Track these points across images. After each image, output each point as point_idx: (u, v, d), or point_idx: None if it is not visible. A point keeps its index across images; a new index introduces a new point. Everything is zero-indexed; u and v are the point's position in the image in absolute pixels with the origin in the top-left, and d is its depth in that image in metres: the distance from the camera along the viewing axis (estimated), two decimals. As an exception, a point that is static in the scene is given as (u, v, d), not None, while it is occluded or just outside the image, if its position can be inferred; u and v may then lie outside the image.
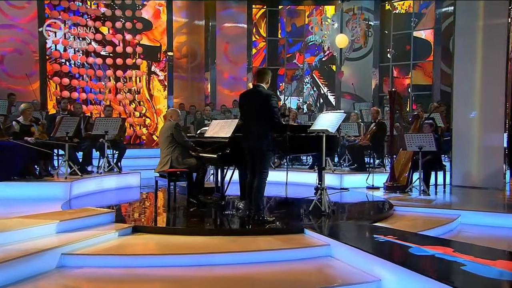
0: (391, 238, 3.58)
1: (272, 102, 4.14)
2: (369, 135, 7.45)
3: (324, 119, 4.72)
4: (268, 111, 4.12)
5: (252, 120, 4.25)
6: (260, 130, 4.19)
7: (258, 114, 4.20)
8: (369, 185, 6.75)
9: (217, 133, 5.20)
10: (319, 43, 11.52)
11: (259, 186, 4.22)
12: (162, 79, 11.93)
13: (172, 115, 5.34)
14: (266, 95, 4.18)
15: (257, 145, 4.21)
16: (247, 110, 4.33)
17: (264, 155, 4.22)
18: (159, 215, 4.90)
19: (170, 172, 5.09)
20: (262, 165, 4.24)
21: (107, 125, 6.66)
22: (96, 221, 4.16)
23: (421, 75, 11.50)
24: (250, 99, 4.31)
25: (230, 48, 12.76)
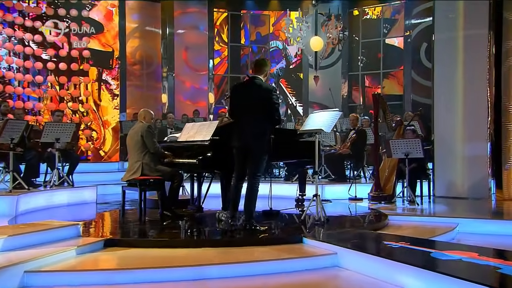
0: (404, 244, 3.55)
1: (274, 98, 4.04)
2: (349, 143, 7.52)
3: (316, 119, 4.68)
4: (269, 107, 4.00)
5: (247, 116, 4.09)
6: (258, 129, 4.05)
7: (255, 110, 4.04)
8: (352, 196, 6.80)
9: (193, 137, 5.03)
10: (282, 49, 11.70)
11: (251, 192, 4.08)
12: (115, 87, 11.48)
13: (145, 116, 5.07)
14: (267, 89, 4.07)
15: (253, 146, 4.07)
16: (242, 104, 4.16)
17: (260, 157, 4.10)
18: (132, 228, 4.61)
19: (141, 180, 4.81)
20: (257, 168, 4.11)
21: (59, 131, 6.25)
22: (61, 235, 3.84)
23: (394, 84, 11.96)
24: (246, 92, 4.14)
25: (189, 54, 12.71)
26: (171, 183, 4.95)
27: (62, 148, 6.55)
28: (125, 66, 11.67)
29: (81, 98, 10.89)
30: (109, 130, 11.28)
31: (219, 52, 13.36)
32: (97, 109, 11.12)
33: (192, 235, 4.21)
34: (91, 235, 4.04)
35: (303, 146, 5.31)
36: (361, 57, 12.52)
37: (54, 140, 6.24)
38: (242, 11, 13.47)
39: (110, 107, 11.36)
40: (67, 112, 10.49)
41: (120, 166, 9.76)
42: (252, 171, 4.11)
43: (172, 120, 9.07)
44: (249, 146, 4.10)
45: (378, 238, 3.94)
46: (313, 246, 3.76)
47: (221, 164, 4.57)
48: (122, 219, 5.04)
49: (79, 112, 10.79)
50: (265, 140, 4.09)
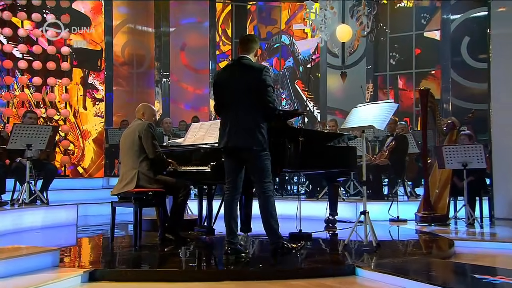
0: (503, 279, 2.98)
1: (266, 79, 3.62)
2: (386, 151, 7.01)
3: (363, 113, 4.17)
4: (261, 91, 3.60)
5: (237, 107, 3.67)
6: (250, 122, 3.63)
7: (245, 98, 3.64)
8: (393, 216, 6.37)
9: (201, 139, 4.64)
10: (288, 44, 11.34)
11: (266, 204, 3.66)
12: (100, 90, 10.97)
13: (144, 112, 4.58)
14: (257, 69, 3.67)
15: (247, 145, 3.63)
16: (229, 93, 3.74)
17: (261, 159, 3.65)
18: (124, 256, 4.10)
19: (136, 194, 4.30)
20: (262, 174, 3.67)
21: (31, 136, 5.76)
22: (33, 265, 3.30)
23: (433, 86, 11.41)
24: (233, 77, 3.75)
25: (188, 53, 12.50)
26: (175, 197, 4.48)
27: (34, 158, 6.10)
28: (111, 65, 11.26)
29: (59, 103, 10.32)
30: (89, 141, 10.72)
31: (224, 54, 13.15)
32: (74, 117, 10.55)
33: (201, 264, 3.84)
34: (70, 265, 3.57)
35: (336, 153, 5.03)
36: (393, 53, 12.03)
37: (24, 147, 5.76)
38: (249, 3, 13.26)
39: (91, 114, 10.81)
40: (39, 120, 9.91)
41: (106, 182, 9.33)
42: (257, 178, 3.69)
43: (169, 126, 8.58)
44: (241, 146, 3.66)
45: (462, 270, 3.38)
46: (372, 280, 3.27)
47: None
48: (111, 244, 4.54)
49: (53, 121, 10.19)
50: (263, 136, 3.65)
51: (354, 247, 4.25)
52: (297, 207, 5.04)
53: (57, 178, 8.43)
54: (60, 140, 9.88)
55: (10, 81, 9.81)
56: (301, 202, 6.78)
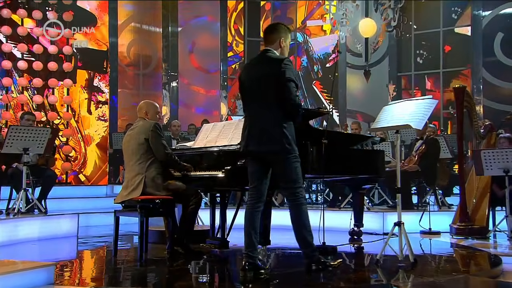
0: None
1: (286, 72, 3.37)
2: (416, 156, 6.73)
3: (397, 111, 3.90)
4: (280, 85, 3.38)
5: (256, 105, 3.49)
6: (272, 122, 3.42)
7: (265, 95, 3.44)
8: (425, 228, 6.08)
9: (214, 141, 4.46)
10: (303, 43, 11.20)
11: (298, 212, 3.45)
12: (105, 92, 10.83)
13: (147, 111, 4.43)
14: (276, 61, 3.44)
15: (269, 148, 3.42)
16: (249, 90, 3.56)
17: (289, 162, 3.42)
18: (129, 271, 3.93)
19: (143, 202, 4.11)
20: (292, 178, 3.44)
21: (28, 139, 5.61)
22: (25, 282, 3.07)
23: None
24: (252, 72, 3.57)
25: (197, 54, 12.52)
26: (185, 205, 4.30)
27: (32, 163, 5.96)
28: (116, 66, 11.25)
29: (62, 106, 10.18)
30: (92, 147, 10.55)
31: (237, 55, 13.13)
32: (76, 121, 10.42)
33: (214, 282, 3.67)
34: (68, 282, 3.40)
35: (363, 157, 4.88)
36: (419, 51, 11.70)
37: (21, 151, 5.60)
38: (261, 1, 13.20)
39: (93, 118, 10.66)
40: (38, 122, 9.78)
41: (109, 190, 9.20)
42: (285, 184, 3.48)
43: (177, 129, 8.42)
44: (263, 150, 3.45)
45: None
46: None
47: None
48: (114, 258, 4.37)
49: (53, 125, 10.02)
50: (288, 138, 3.41)
51: (388, 262, 3.96)
52: (320, 217, 4.77)
53: (58, 186, 8.39)
54: (61, 145, 9.75)
55: (9, 83, 9.68)
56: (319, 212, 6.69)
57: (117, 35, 11.34)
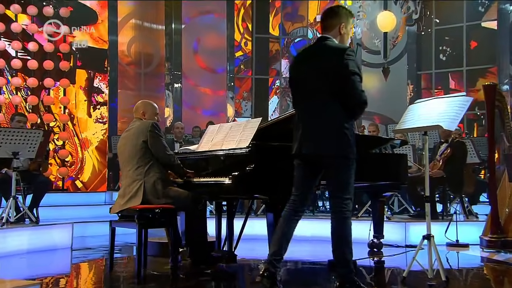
0: None
1: (349, 63, 3.14)
2: (440, 161, 6.52)
3: (425, 110, 3.67)
4: (342, 80, 3.14)
5: (312, 102, 3.27)
6: (330, 122, 3.20)
7: (323, 90, 3.21)
8: (451, 240, 5.83)
9: (220, 144, 4.28)
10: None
11: (342, 226, 3.24)
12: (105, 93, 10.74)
13: (145, 111, 4.33)
14: (336, 50, 3.21)
15: (325, 152, 3.22)
16: (302, 84, 3.36)
17: (345, 170, 3.23)
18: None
19: (141, 211, 3.94)
20: (342, 188, 3.24)
21: (18, 142, 5.49)
22: None
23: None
24: (307, 63, 3.35)
25: (202, 52, 12.49)
26: (188, 213, 4.23)
27: (23, 168, 5.93)
28: (116, 65, 11.15)
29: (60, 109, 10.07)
30: (89, 151, 10.43)
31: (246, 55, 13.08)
32: (72, 123, 10.28)
33: None
34: None
35: (384, 162, 4.81)
36: (442, 47, 11.44)
37: (10, 156, 5.48)
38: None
39: (91, 120, 10.53)
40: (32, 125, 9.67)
41: (108, 197, 9.11)
42: (335, 193, 3.27)
43: (181, 132, 8.34)
44: (318, 153, 3.25)
45: None
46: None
47: (269, 186, 3.75)
48: (110, 274, 4.25)
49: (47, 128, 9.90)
50: (348, 139, 3.20)
51: (415, 280, 3.79)
52: None
53: (53, 193, 8.33)
54: (57, 149, 9.64)
55: (3, 83, 9.54)
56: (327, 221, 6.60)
57: (117, 33, 11.26)
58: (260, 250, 4.48)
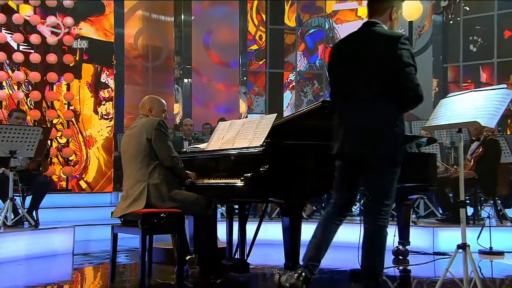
0: None
1: (403, 53, 2.98)
2: (471, 160, 6.36)
3: (461, 105, 3.46)
4: (396, 72, 2.99)
5: (357, 96, 3.12)
6: (378, 119, 3.06)
7: (371, 82, 3.07)
8: (484, 248, 5.63)
9: (231, 143, 4.21)
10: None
11: (376, 235, 3.13)
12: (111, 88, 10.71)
13: (151, 107, 4.27)
14: (389, 38, 3.04)
15: (373, 152, 3.08)
16: (345, 75, 3.20)
17: (389, 174, 3.12)
18: None
19: (145, 216, 3.84)
20: (382, 194, 3.14)
21: (16, 140, 5.45)
22: None
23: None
24: (353, 52, 3.18)
25: (213, 45, 12.43)
26: (197, 218, 4.21)
27: (22, 168, 5.89)
28: (122, 58, 11.17)
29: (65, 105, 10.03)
30: (94, 150, 10.37)
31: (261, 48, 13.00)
32: (75, 120, 10.24)
33: None
34: None
35: (411, 162, 4.49)
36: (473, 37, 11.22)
37: (7, 154, 5.43)
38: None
39: (96, 116, 10.47)
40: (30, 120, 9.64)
41: (114, 198, 9.11)
42: (374, 198, 3.14)
43: (190, 129, 8.25)
44: (362, 153, 3.11)
45: None
46: None
47: (285, 188, 3.63)
48: (111, 284, 4.16)
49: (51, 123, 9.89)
50: (395, 140, 3.07)
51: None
52: (360, 233, 4.41)
53: (55, 193, 8.35)
54: (60, 148, 9.61)
55: (4, 77, 9.50)
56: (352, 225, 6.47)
57: (123, 26, 11.27)
58: (274, 257, 4.43)
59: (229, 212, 4.67)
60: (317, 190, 3.75)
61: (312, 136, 3.74)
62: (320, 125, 3.95)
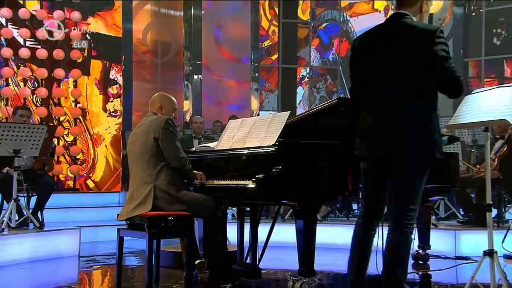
0: None
1: (442, 47, 2.86)
2: (496, 160, 6.24)
3: (488, 101, 3.36)
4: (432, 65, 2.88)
5: (387, 92, 3.00)
6: (411, 116, 2.93)
7: (403, 77, 2.95)
8: (509, 252, 5.45)
9: (243, 142, 4.12)
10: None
11: (400, 245, 3.00)
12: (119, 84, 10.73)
13: (162, 105, 4.18)
14: (425, 32, 2.92)
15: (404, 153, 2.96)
16: (373, 69, 3.07)
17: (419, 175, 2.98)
18: None
19: (152, 219, 3.76)
20: (408, 198, 2.99)
21: (20, 138, 5.41)
22: None
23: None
24: (381, 45, 3.06)
25: (225, 39, 12.43)
26: (206, 221, 4.14)
27: (26, 167, 5.91)
28: (131, 54, 11.16)
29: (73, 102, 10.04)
30: (101, 148, 10.36)
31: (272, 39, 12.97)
32: (82, 117, 10.25)
33: None
34: None
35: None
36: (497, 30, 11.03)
37: (11, 154, 5.41)
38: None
39: (103, 113, 10.46)
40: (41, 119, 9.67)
41: (123, 198, 9.11)
42: (400, 203, 3.01)
43: (199, 127, 8.20)
44: (393, 154, 2.98)
45: None
46: None
47: (299, 190, 3.54)
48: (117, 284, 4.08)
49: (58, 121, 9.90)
50: (431, 137, 2.92)
51: None
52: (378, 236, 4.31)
53: (62, 193, 8.37)
54: (67, 146, 9.61)
55: (10, 73, 9.51)
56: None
57: (131, 21, 11.27)
58: (287, 260, 4.37)
59: (240, 214, 4.58)
60: (332, 192, 3.65)
61: (327, 135, 3.65)
62: (336, 123, 3.86)
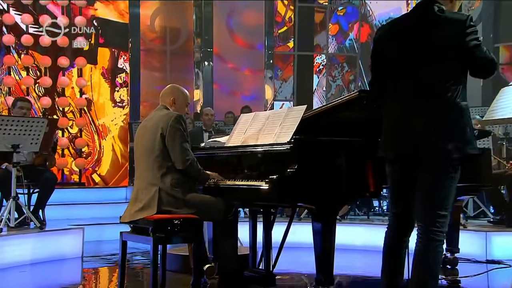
0: None
1: (474, 36, 2.78)
2: None
3: None
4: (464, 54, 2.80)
5: (413, 86, 2.92)
6: (440, 112, 2.84)
7: (432, 70, 2.87)
8: None
9: (255, 139, 4.03)
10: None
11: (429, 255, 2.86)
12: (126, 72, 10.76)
13: (175, 98, 4.02)
14: (456, 22, 2.83)
15: (433, 151, 2.86)
16: (398, 62, 2.99)
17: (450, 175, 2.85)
18: None
19: (157, 223, 3.67)
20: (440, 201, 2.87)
21: (19, 132, 5.37)
22: None
23: None
24: (412, 37, 2.96)
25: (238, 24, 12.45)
26: (216, 224, 4.04)
27: (26, 163, 5.87)
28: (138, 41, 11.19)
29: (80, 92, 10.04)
30: (107, 140, 10.33)
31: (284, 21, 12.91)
32: (87, 108, 10.22)
33: None
34: None
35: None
36: None
37: (9, 149, 5.36)
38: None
39: (109, 104, 10.41)
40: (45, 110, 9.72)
41: (130, 193, 8.91)
42: (428, 206, 2.88)
43: (210, 119, 8.12)
44: (422, 152, 2.88)
45: None
46: None
47: (317, 192, 3.44)
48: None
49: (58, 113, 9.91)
50: (461, 137, 2.81)
51: None
52: None
53: (65, 188, 8.39)
54: (72, 138, 9.63)
55: (12, 62, 9.50)
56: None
57: (139, 5, 11.31)
58: (303, 262, 4.42)
59: (252, 213, 4.49)
60: (352, 193, 3.55)
61: (347, 131, 3.55)
62: (357, 118, 3.73)
